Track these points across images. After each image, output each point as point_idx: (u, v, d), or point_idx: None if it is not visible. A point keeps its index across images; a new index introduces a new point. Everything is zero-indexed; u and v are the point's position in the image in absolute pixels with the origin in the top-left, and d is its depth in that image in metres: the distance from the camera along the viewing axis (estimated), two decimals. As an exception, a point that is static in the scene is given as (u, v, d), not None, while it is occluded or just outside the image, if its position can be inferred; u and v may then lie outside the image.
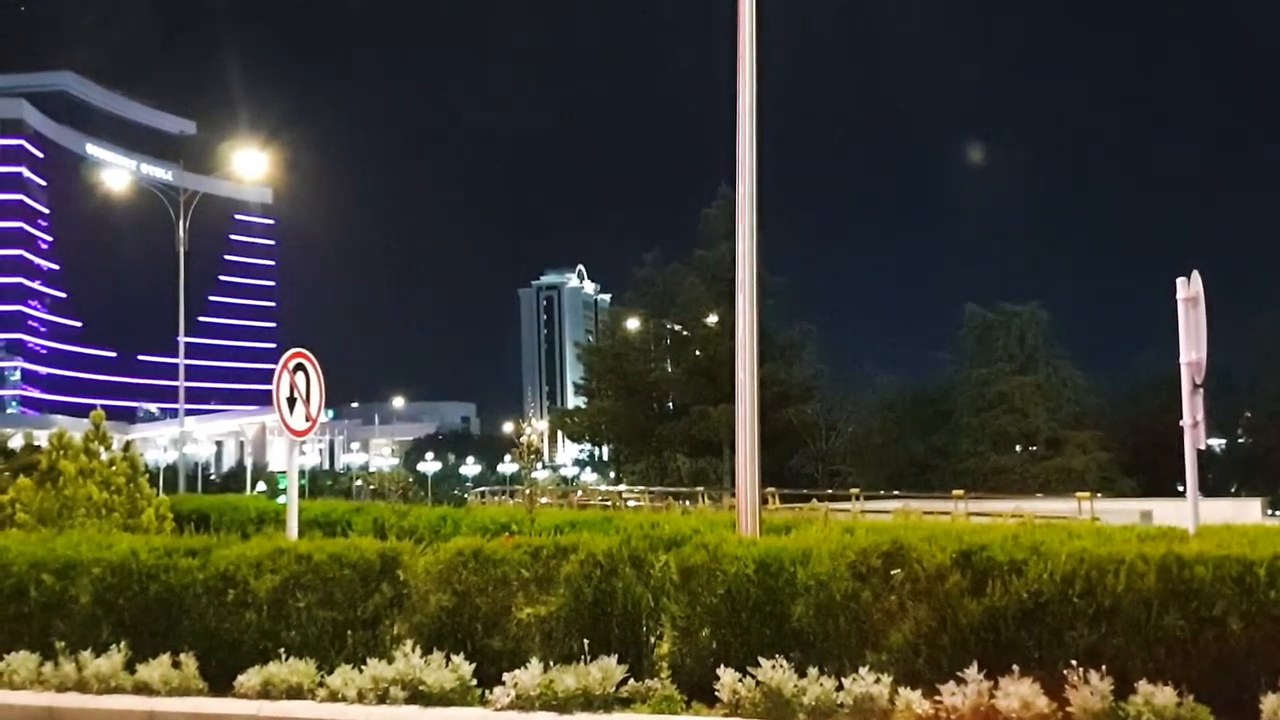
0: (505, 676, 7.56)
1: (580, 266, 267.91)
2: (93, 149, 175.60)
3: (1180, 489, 35.50)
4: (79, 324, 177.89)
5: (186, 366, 45.77)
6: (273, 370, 10.44)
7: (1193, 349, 8.32)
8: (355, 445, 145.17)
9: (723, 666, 7.23)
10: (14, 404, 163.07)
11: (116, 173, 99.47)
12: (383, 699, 7.66)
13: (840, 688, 6.94)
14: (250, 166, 41.86)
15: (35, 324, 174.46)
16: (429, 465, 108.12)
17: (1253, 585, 6.55)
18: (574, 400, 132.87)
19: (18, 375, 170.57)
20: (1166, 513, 19.97)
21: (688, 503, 40.20)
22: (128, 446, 15.86)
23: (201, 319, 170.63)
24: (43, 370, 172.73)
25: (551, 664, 7.62)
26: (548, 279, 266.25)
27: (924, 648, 7.04)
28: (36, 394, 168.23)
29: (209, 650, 8.35)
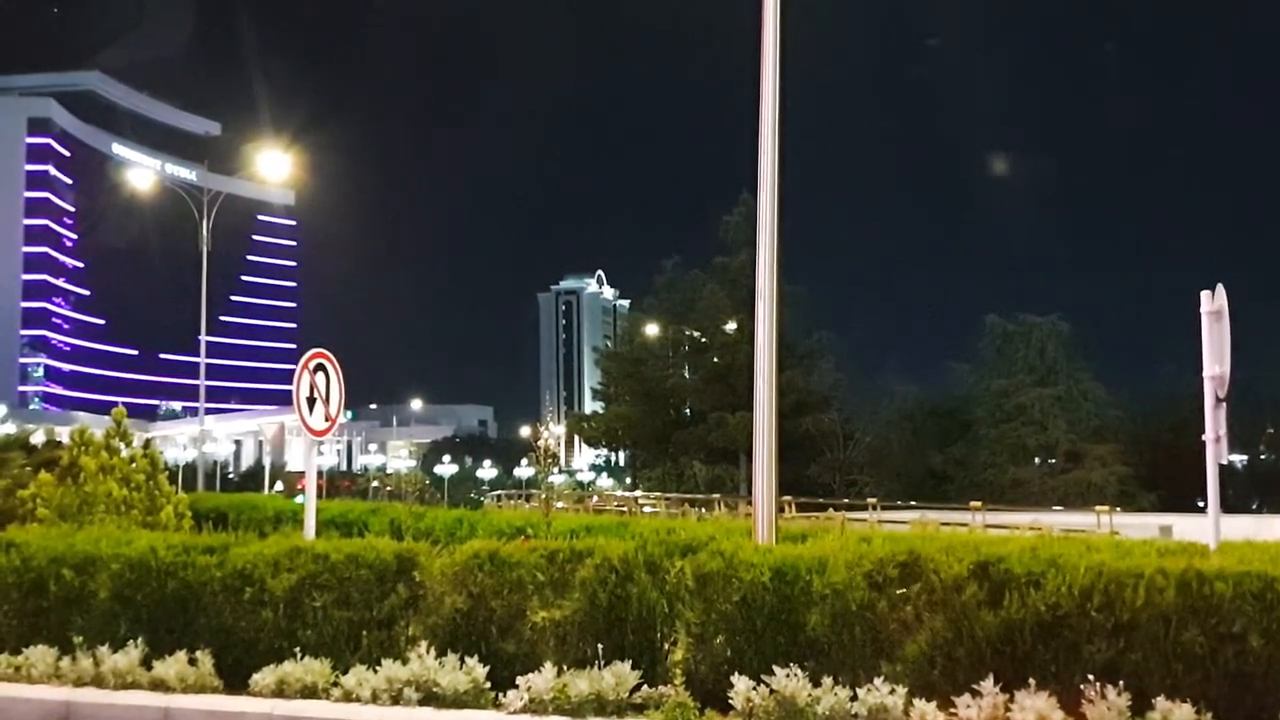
0: (519, 680, 7.57)
1: (599, 272, 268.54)
2: (119, 148, 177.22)
3: (1200, 504, 35.22)
4: (102, 322, 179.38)
5: (207, 365, 46.14)
6: (293, 370, 10.49)
7: (1216, 363, 8.23)
8: (373, 446, 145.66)
9: (737, 674, 7.21)
10: (37, 400, 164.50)
11: (142, 172, 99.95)
12: (396, 700, 7.67)
13: (854, 698, 6.91)
14: (273, 168, 42.13)
15: (59, 321, 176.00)
16: (446, 468, 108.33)
17: (1274, 602, 6.48)
18: (591, 405, 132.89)
19: (41, 372, 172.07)
20: (1187, 528, 19.81)
21: (704, 510, 40.23)
22: (148, 444, 15.99)
23: (223, 318, 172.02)
24: (65, 367, 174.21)
25: (565, 668, 7.62)
26: (567, 284, 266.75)
27: (939, 659, 7.00)
28: (59, 390, 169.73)
29: (225, 648, 8.39)
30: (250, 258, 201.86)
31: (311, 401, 10.37)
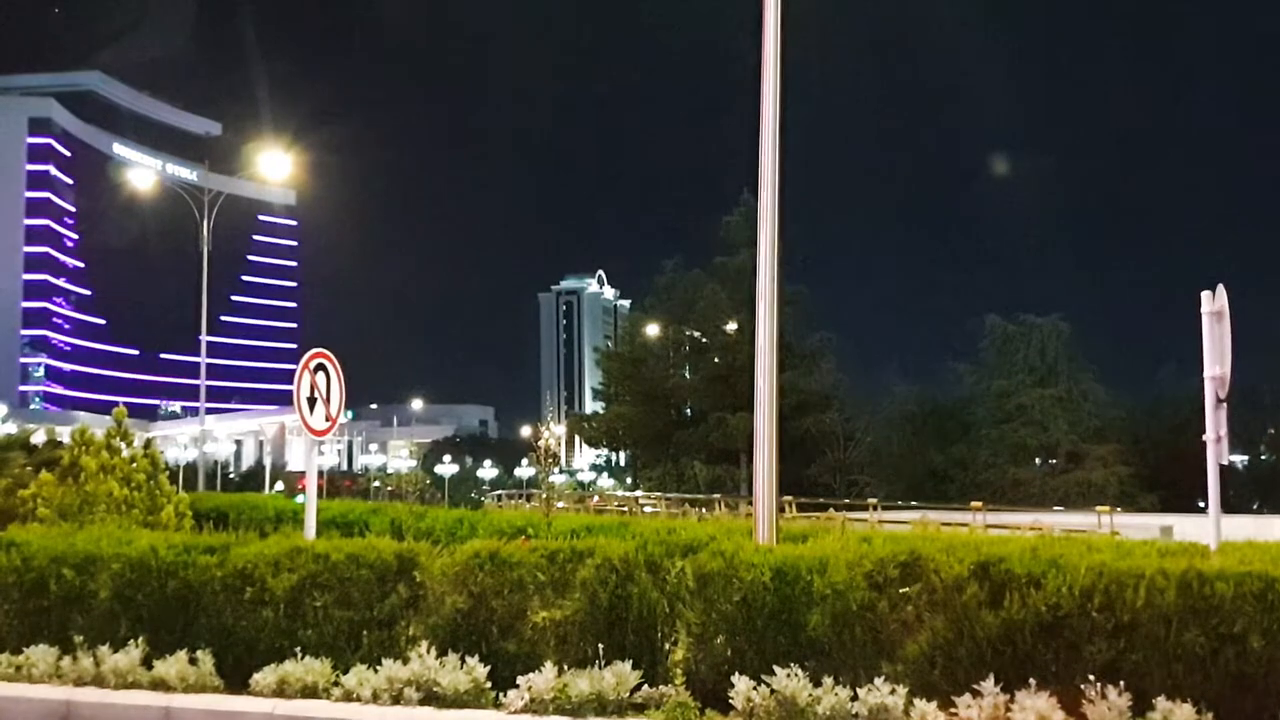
0: (519, 680, 7.57)
1: (600, 272, 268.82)
2: (119, 149, 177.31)
3: (1201, 505, 35.19)
4: (103, 321, 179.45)
5: (208, 365, 46.14)
6: (293, 370, 10.49)
7: (1217, 363, 8.23)
8: (374, 446, 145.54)
9: (737, 674, 7.21)
10: (38, 400, 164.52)
11: (142, 172, 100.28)
12: (397, 700, 7.67)
13: (855, 698, 6.91)
14: (274, 168, 42.20)
15: (60, 321, 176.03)
16: (446, 468, 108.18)
17: (1275, 602, 6.47)
18: (592, 405, 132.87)
19: (42, 372, 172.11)
20: (1187, 528, 19.80)
21: (704, 510, 40.21)
22: (149, 444, 15.97)
23: (224, 318, 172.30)
24: (66, 367, 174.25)
25: (566, 668, 7.62)
26: (567, 284, 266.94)
27: (940, 659, 7.00)
28: (60, 390, 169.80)
29: (225, 648, 8.39)
30: (251, 257, 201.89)
31: (312, 401, 10.36)
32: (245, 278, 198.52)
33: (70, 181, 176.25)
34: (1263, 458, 63.24)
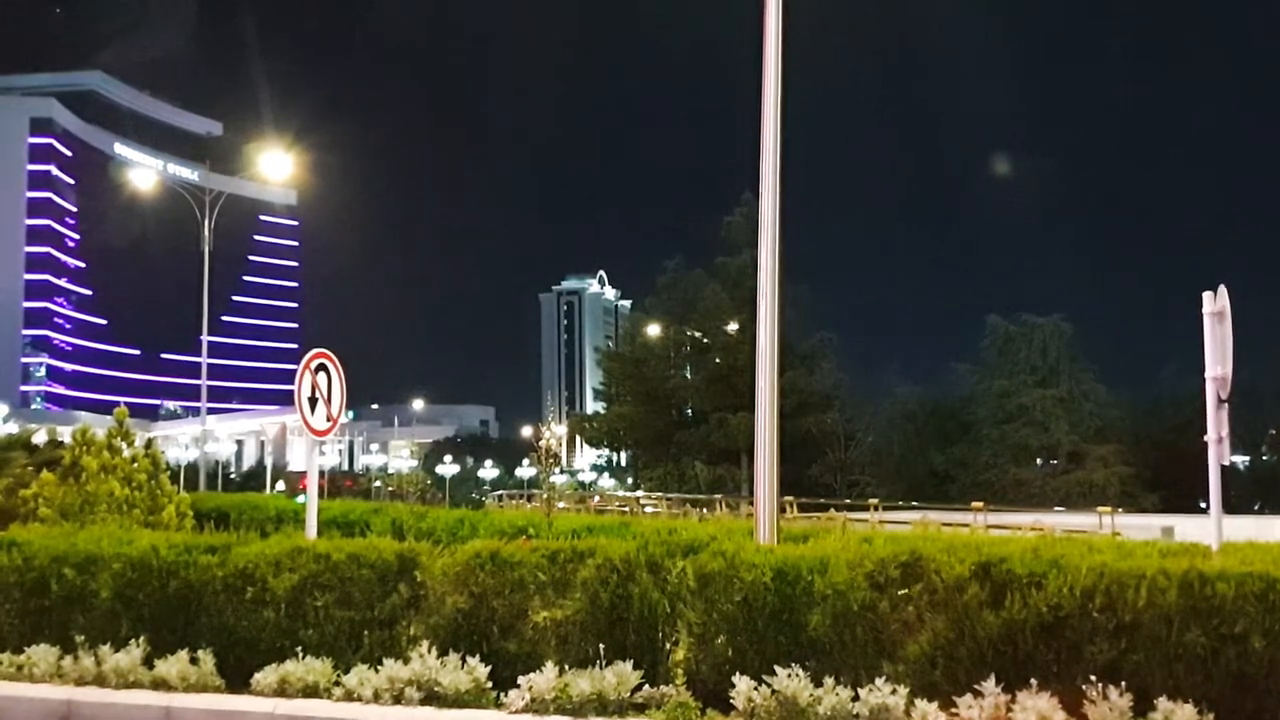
0: (520, 680, 7.57)
1: (601, 272, 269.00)
2: (120, 148, 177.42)
3: (1202, 505, 35.17)
4: (104, 321, 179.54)
5: (209, 365, 46.16)
6: (294, 370, 10.49)
7: (1218, 364, 8.22)
8: (375, 446, 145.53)
9: (738, 674, 7.21)
10: (39, 400, 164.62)
11: (143, 172, 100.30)
12: (398, 699, 7.68)
13: (856, 698, 6.91)
14: (275, 168, 42.18)
15: (61, 321, 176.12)
16: (447, 468, 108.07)
17: (1276, 603, 6.47)
18: (593, 405, 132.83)
19: (43, 372, 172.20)
20: (1189, 529, 19.81)
21: (705, 510, 40.23)
22: (150, 444, 15.96)
23: (225, 318, 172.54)
24: (67, 367, 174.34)
25: (566, 668, 7.62)
26: (568, 284, 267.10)
27: (941, 659, 6.99)
28: (61, 390, 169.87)
29: (226, 647, 8.40)
30: (252, 258, 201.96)
31: (313, 401, 10.36)
32: (246, 278, 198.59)
33: (71, 181, 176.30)
34: (1264, 458, 63.14)
